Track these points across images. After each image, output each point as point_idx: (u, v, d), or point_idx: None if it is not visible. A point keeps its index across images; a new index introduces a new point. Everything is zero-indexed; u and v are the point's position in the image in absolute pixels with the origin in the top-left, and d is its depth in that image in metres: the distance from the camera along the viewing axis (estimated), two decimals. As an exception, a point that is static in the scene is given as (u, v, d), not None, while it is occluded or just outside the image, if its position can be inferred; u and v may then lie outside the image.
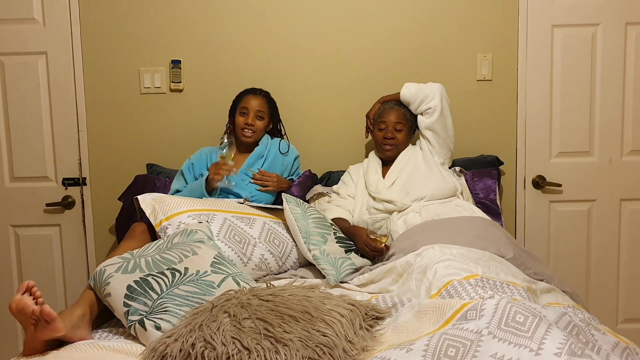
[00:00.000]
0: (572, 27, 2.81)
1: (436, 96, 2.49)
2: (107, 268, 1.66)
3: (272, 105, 2.66)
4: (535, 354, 1.20)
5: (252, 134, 2.57)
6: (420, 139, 2.57)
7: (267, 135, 2.65)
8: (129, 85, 2.83)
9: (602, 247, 2.91)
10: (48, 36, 2.77)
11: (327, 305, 1.53)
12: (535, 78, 2.84)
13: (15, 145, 2.82)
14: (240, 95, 2.64)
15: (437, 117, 2.48)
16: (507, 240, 2.08)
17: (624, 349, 1.42)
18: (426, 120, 2.51)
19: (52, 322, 1.46)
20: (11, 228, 2.87)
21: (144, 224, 2.13)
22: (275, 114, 2.67)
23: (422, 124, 2.52)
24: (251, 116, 2.56)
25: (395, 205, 2.36)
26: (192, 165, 2.57)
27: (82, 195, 2.86)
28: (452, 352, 1.27)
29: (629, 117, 2.84)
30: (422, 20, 2.83)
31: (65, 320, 1.52)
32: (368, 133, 2.66)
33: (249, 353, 1.35)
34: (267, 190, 2.51)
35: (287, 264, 2.16)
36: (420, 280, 1.79)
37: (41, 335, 1.48)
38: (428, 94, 2.50)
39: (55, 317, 1.46)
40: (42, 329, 1.47)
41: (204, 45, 2.83)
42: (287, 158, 2.65)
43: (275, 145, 2.62)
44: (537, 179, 2.87)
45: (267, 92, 2.67)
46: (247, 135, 2.56)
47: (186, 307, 1.58)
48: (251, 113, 2.56)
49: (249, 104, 2.57)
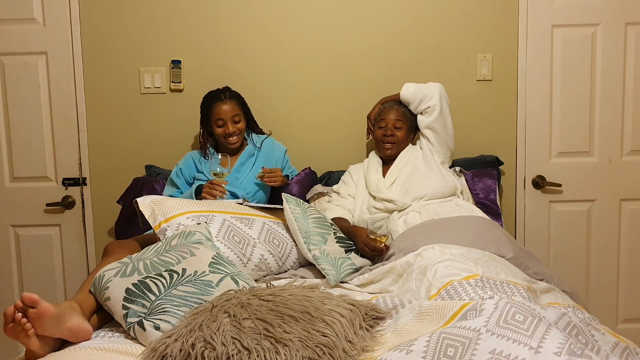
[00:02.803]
0: (572, 27, 2.81)
1: (435, 95, 2.50)
2: (106, 273, 1.66)
3: (242, 103, 2.62)
4: (535, 352, 1.20)
5: (237, 139, 2.56)
6: (420, 139, 2.58)
7: (251, 133, 2.67)
8: (129, 85, 2.83)
9: (602, 247, 2.91)
10: (48, 36, 2.78)
11: (327, 306, 1.53)
12: (535, 78, 2.84)
13: (15, 145, 2.82)
14: (208, 105, 2.57)
15: (436, 116, 2.50)
16: (507, 240, 2.08)
17: (624, 349, 1.42)
18: (426, 119, 2.52)
19: (37, 304, 1.44)
20: (11, 228, 2.87)
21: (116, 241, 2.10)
22: (247, 110, 2.65)
23: (422, 123, 2.54)
24: (230, 125, 2.52)
25: (395, 204, 2.36)
26: (180, 171, 2.57)
27: (82, 195, 2.86)
28: (452, 352, 1.27)
29: (629, 117, 2.84)
30: (422, 20, 2.83)
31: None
32: (369, 134, 2.66)
33: (249, 353, 1.35)
34: (275, 185, 2.54)
35: (287, 264, 2.16)
36: (420, 280, 1.79)
37: (39, 326, 1.45)
38: (427, 94, 2.51)
39: (37, 298, 1.44)
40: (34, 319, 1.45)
41: (204, 45, 2.83)
42: (276, 153, 2.66)
43: (264, 143, 2.64)
44: (537, 179, 2.87)
45: (229, 87, 2.62)
46: (233, 142, 2.55)
47: (185, 308, 1.58)
48: (228, 122, 2.52)
49: (223, 113, 2.52)
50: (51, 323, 1.48)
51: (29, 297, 1.44)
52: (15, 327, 1.45)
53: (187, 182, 2.57)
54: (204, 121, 2.61)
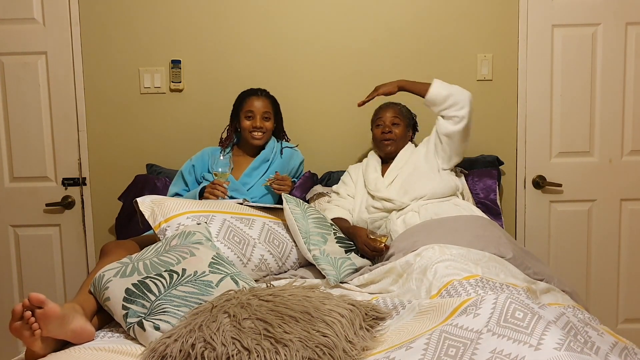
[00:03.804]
0: (572, 27, 2.81)
1: (466, 106, 2.35)
2: (106, 273, 1.66)
3: (276, 105, 2.65)
4: (534, 349, 1.20)
5: (262, 136, 2.56)
6: (430, 139, 2.47)
7: (274, 138, 2.65)
8: (129, 85, 2.83)
9: (602, 247, 2.91)
10: (48, 36, 2.78)
11: (327, 306, 1.53)
12: (535, 78, 2.84)
13: (15, 145, 2.82)
14: (242, 98, 2.61)
15: (461, 128, 2.37)
16: (507, 240, 2.08)
17: (623, 348, 1.42)
18: (449, 127, 2.37)
19: (44, 305, 1.44)
20: (11, 228, 2.87)
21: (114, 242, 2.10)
22: (278, 113, 2.66)
23: (443, 129, 2.39)
24: (258, 119, 2.54)
25: (394, 203, 2.35)
26: (193, 167, 2.55)
27: (82, 195, 2.86)
28: (453, 352, 1.28)
29: (629, 117, 2.84)
30: (422, 20, 2.83)
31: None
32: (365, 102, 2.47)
33: (249, 353, 1.35)
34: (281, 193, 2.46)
35: (287, 264, 2.16)
36: (420, 280, 1.79)
37: (44, 327, 1.45)
38: (458, 102, 2.35)
39: (44, 299, 1.44)
40: (40, 320, 1.44)
41: (204, 45, 2.83)
42: (292, 162, 2.64)
43: (279, 149, 2.61)
44: (537, 179, 2.87)
45: (267, 91, 2.65)
46: (258, 137, 2.55)
47: (185, 308, 1.58)
48: (258, 115, 2.54)
49: (254, 107, 2.55)
50: (56, 324, 1.48)
51: (36, 297, 1.44)
52: (23, 326, 1.45)
53: (198, 180, 2.55)
54: (234, 115, 2.62)
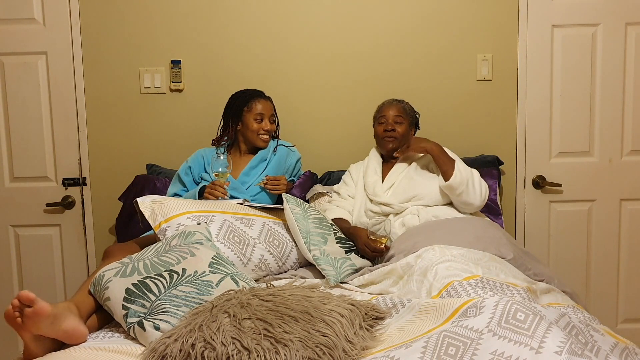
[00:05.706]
0: (572, 27, 2.81)
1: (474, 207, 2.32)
2: (106, 273, 1.66)
3: (273, 107, 2.65)
4: (535, 352, 1.20)
5: (269, 138, 2.58)
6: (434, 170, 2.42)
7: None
8: (129, 85, 2.83)
9: (602, 247, 2.91)
10: (48, 36, 2.78)
11: (327, 306, 1.53)
12: (535, 78, 2.84)
13: (15, 145, 2.83)
14: (246, 99, 2.57)
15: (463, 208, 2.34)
16: (507, 241, 2.08)
17: (623, 349, 1.42)
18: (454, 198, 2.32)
19: (33, 303, 1.44)
20: (11, 228, 2.87)
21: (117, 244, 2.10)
22: (276, 114, 2.67)
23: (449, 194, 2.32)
24: (266, 121, 2.55)
25: (392, 207, 2.35)
26: (189, 168, 2.55)
27: (82, 195, 2.86)
28: (453, 351, 1.28)
29: (629, 117, 2.84)
30: (422, 20, 2.83)
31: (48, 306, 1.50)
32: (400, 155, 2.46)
33: (249, 353, 1.35)
34: (277, 193, 2.50)
35: (287, 264, 2.16)
36: (420, 281, 1.79)
37: (31, 326, 1.45)
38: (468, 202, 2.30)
39: (34, 297, 1.44)
40: (30, 318, 1.45)
41: (204, 45, 2.83)
42: (288, 160, 2.64)
43: (279, 148, 2.62)
44: (537, 179, 2.87)
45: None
46: (265, 139, 2.56)
47: (185, 308, 1.58)
48: (266, 118, 2.55)
49: (264, 109, 2.55)
50: (47, 323, 1.48)
51: (26, 296, 1.44)
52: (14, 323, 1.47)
53: (195, 181, 2.55)
54: (236, 115, 2.57)
